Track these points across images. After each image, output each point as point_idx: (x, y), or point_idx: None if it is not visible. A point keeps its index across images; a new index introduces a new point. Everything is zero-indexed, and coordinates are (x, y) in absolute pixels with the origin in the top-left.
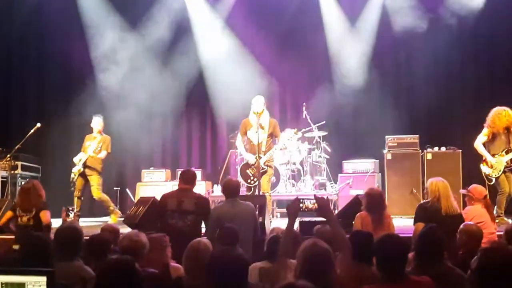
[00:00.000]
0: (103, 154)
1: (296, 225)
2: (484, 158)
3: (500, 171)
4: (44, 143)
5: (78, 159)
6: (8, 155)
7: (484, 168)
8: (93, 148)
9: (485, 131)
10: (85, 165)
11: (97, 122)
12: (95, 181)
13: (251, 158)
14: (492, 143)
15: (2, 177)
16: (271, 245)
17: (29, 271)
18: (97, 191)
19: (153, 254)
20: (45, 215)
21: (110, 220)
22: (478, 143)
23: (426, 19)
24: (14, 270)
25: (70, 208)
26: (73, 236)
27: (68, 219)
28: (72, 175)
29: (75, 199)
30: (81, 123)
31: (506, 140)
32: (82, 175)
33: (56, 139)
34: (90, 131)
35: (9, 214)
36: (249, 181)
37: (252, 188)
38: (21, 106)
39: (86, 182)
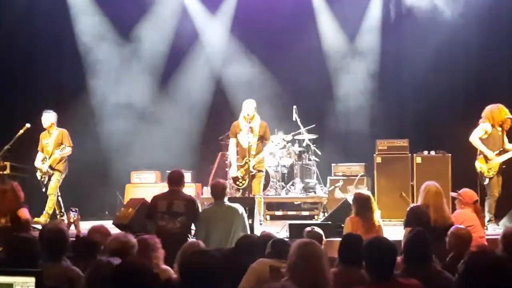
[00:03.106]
0: (67, 150)
1: (286, 228)
2: (479, 154)
3: (495, 172)
4: (33, 143)
5: (41, 159)
6: None
7: (479, 166)
8: (54, 146)
9: (483, 126)
10: (50, 166)
11: (47, 118)
12: (56, 178)
13: (233, 171)
14: (486, 142)
15: None
16: (278, 246)
17: (18, 272)
18: (54, 188)
19: (142, 256)
20: (22, 212)
21: (40, 218)
22: (475, 137)
23: (416, 21)
24: (2, 270)
25: (73, 209)
26: (58, 236)
27: (72, 221)
28: (40, 177)
29: (54, 201)
30: (72, 122)
31: (500, 141)
32: (48, 174)
33: None
34: (42, 129)
35: None
36: (237, 183)
37: (241, 190)
38: (10, 106)
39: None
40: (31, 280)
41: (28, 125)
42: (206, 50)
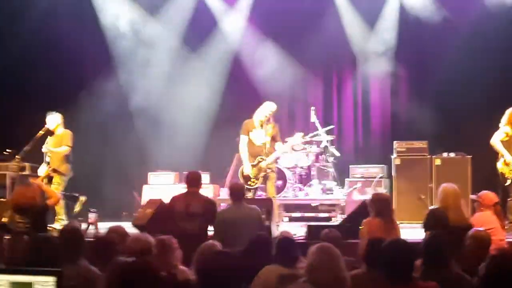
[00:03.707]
0: (63, 149)
1: (303, 229)
2: (501, 157)
3: None
4: None
5: (45, 161)
6: (17, 156)
7: (501, 167)
8: (53, 146)
9: (505, 129)
10: (51, 168)
11: (52, 120)
12: (57, 181)
13: (248, 169)
14: (507, 145)
15: (11, 179)
16: (285, 249)
17: (37, 271)
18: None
19: (160, 256)
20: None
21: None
22: (496, 141)
23: (439, 19)
24: (22, 269)
25: (92, 210)
26: (75, 236)
27: (92, 221)
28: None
29: (62, 204)
30: (92, 124)
31: None
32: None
33: None
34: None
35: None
36: (249, 183)
37: (252, 190)
38: (31, 107)
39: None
40: (51, 280)
41: (47, 126)
42: (221, 46)
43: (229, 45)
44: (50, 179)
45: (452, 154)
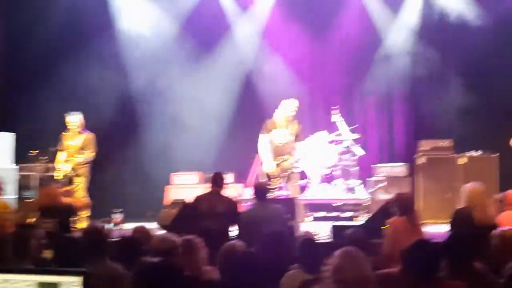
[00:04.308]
0: (90, 155)
1: (328, 229)
2: None
3: None
4: None
5: (63, 159)
6: (43, 157)
7: None
8: (77, 150)
9: None
10: (73, 169)
11: (74, 120)
12: (80, 182)
13: (270, 167)
14: None
15: (38, 179)
16: (308, 253)
17: (64, 272)
18: (81, 193)
19: (186, 256)
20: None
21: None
22: None
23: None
24: (49, 270)
25: (118, 210)
26: (99, 236)
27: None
28: (58, 174)
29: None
30: (111, 123)
31: None
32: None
33: None
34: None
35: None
36: (269, 182)
37: (274, 190)
38: (58, 109)
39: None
40: (78, 280)
41: None
42: (238, 49)
43: (246, 44)
44: (70, 180)
45: (478, 152)
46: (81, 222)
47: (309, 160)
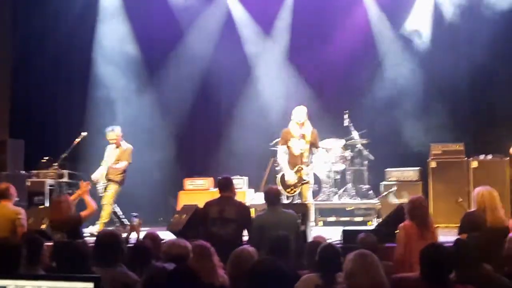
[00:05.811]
0: (123, 164)
1: (339, 233)
2: None
3: None
4: (90, 151)
5: (102, 172)
6: (55, 164)
7: None
8: (112, 160)
9: None
10: (107, 178)
11: (112, 134)
12: (112, 188)
13: (291, 177)
14: None
15: (49, 186)
16: (327, 259)
17: (76, 278)
18: (109, 198)
19: (199, 262)
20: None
21: (94, 227)
22: None
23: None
24: (62, 276)
25: (135, 215)
26: (112, 242)
27: (134, 227)
28: (101, 190)
29: (109, 211)
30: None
31: None
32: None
33: (102, 148)
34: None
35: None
36: (288, 190)
37: (291, 198)
38: (68, 115)
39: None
40: (90, 286)
41: (84, 133)
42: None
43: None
44: (105, 187)
45: (489, 156)
46: (98, 226)
47: (320, 164)
